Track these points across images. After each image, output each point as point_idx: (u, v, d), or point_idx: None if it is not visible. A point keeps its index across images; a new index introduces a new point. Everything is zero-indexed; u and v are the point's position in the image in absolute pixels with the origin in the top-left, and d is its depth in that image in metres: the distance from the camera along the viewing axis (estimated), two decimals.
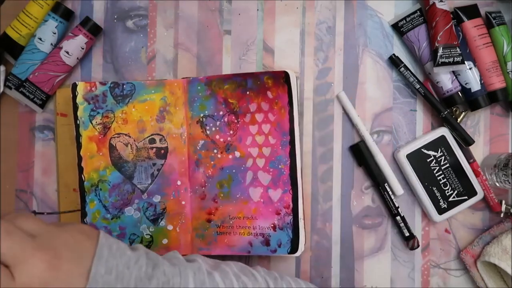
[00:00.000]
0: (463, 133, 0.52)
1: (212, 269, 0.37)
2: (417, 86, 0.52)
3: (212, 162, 0.51)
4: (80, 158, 0.51)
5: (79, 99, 0.51)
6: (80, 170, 0.51)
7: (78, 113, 0.51)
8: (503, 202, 0.53)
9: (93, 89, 0.51)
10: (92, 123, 0.51)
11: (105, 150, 0.51)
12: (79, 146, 0.51)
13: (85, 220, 0.51)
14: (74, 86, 0.51)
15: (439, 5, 0.50)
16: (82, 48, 0.53)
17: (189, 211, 0.52)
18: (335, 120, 0.54)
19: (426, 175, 0.52)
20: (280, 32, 0.55)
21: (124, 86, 0.51)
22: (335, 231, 0.54)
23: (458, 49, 0.50)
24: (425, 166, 0.52)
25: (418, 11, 0.53)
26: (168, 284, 0.32)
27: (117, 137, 0.51)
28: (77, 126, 0.51)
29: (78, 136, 0.51)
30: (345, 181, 0.54)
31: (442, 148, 0.52)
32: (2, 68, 0.53)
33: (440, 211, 0.52)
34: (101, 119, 0.51)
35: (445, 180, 0.52)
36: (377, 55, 0.54)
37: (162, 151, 0.51)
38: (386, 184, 0.53)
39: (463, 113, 0.53)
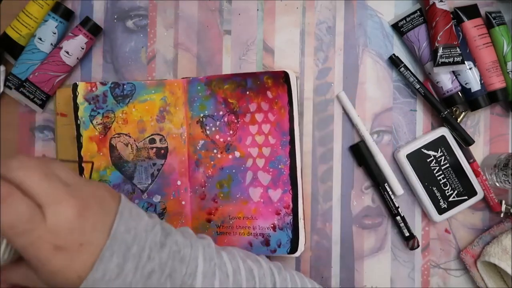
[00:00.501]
0: (463, 133, 0.52)
1: (220, 249, 0.38)
2: (417, 86, 0.52)
3: (212, 162, 0.51)
4: (80, 158, 0.51)
5: (79, 100, 0.51)
6: (81, 170, 0.51)
7: (79, 113, 0.51)
8: (503, 202, 0.53)
9: (93, 89, 0.51)
10: (92, 123, 0.51)
11: (105, 150, 0.51)
12: (79, 146, 0.51)
13: None
14: (75, 87, 0.51)
15: (439, 5, 0.50)
16: (82, 48, 0.53)
17: (189, 211, 0.52)
18: (335, 120, 0.54)
19: (426, 175, 0.52)
20: (280, 32, 0.55)
21: (125, 86, 0.51)
22: (335, 231, 0.54)
23: (458, 49, 0.50)
24: (425, 166, 0.52)
25: (418, 11, 0.53)
26: (179, 253, 0.32)
27: (118, 137, 0.51)
28: (77, 126, 0.51)
29: (78, 136, 0.51)
30: (345, 181, 0.54)
31: (442, 148, 0.52)
32: (2, 68, 0.53)
33: (440, 211, 0.52)
34: (101, 119, 0.51)
35: (445, 180, 0.52)
36: (377, 55, 0.54)
37: (162, 151, 0.51)
38: (386, 184, 0.53)
39: (463, 113, 0.53)
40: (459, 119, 0.53)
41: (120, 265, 0.29)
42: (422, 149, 0.52)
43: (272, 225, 0.50)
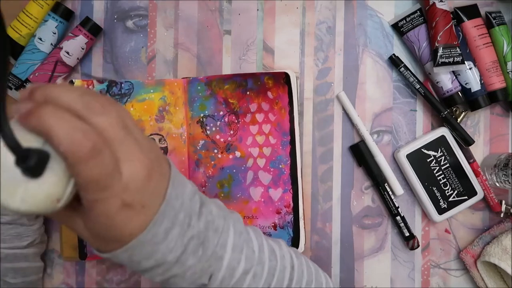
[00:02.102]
0: (463, 133, 0.52)
1: (247, 226, 0.38)
2: (417, 86, 0.52)
3: (212, 162, 0.51)
4: None
5: None
6: None
7: None
8: (503, 202, 0.53)
9: (90, 87, 0.50)
10: None
11: None
12: None
13: None
14: (71, 84, 0.50)
15: (439, 5, 0.50)
16: (82, 48, 0.53)
17: None
18: (335, 120, 0.54)
19: (426, 175, 0.52)
20: (280, 32, 0.55)
21: (122, 84, 0.50)
22: (335, 231, 0.54)
23: (458, 49, 0.50)
24: (425, 166, 0.52)
25: (418, 11, 0.53)
26: (213, 224, 0.32)
27: None
28: None
29: None
30: (345, 181, 0.54)
31: (442, 148, 0.52)
32: None
33: (440, 211, 0.52)
34: None
35: (445, 180, 0.52)
36: (377, 55, 0.55)
37: (162, 151, 0.51)
38: (386, 184, 0.53)
39: (463, 113, 0.53)
40: (459, 119, 0.53)
41: (168, 230, 0.29)
42: (422, 149, 0.52)
43: (273, 224, 0.50)
